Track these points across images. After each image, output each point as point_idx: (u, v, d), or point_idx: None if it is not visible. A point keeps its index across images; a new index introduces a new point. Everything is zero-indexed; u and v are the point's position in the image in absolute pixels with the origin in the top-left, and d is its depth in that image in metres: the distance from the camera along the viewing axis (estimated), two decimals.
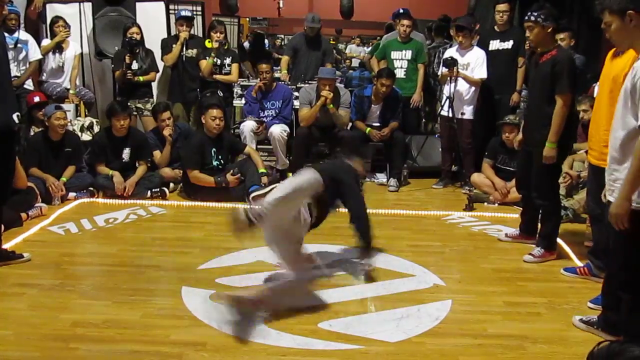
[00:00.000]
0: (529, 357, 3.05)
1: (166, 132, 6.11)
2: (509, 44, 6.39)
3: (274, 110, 6.81)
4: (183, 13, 7.07)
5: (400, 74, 7.04)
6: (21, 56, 6.51)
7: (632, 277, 2.82)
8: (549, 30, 4.15)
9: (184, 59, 6.95)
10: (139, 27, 6.73)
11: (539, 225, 4.51)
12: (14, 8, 6.64)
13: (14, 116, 3.82)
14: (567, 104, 4.10)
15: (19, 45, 6.45)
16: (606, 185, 2.96)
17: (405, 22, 7.06)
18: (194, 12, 7.82)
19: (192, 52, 6.96)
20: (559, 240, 4.53)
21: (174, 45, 6.91)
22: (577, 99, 5.13)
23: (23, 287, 3.69)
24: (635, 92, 2.65)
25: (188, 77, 7.01)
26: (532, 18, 4.13)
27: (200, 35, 7.73)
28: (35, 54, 6.59)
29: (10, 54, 6.41)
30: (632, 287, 2.84)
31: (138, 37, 6.65)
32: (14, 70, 6.46)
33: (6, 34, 6.36)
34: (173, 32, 7.48)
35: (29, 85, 6.62)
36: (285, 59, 7.79)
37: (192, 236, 4.78)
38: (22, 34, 6.55)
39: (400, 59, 7.10)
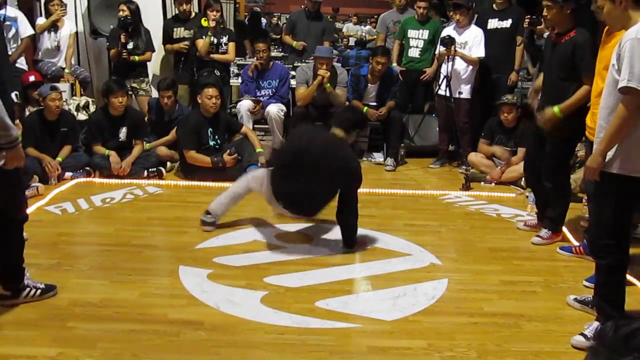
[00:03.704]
0: (524, 335, 3.08)
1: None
2: (507, 23, 6.35)
3: (271, 90, 6.78)
4: None
5: (414, 53, 7.03)
6: (10, 34, 6.40)
7: (612, 242, 2.90)
8: (568, 11, 3.99)
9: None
10: (129, 5, 6.61)
11: (549, 208, 4.49)
12: None
13: (12, 95, 3.79)
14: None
15: (7, 22, 6.35)
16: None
17: (422, 4, 6.96)
18: None
19: (190, 33, 6.89)
20: (564, 230, 4.49)
21: (174, 29, 6.85)
22: None
23: None
24: (620, 59, 2.74)
25: (192, 58, 6.95)
26: None
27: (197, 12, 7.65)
28: (26, 30, 6.47)
29: None
30: (610, 251, 2.91)
31: (124, 14, 6.52)
32: None
33: None
34: (169, 10, 7.40)
35: (21, 64, 6.51)
36: (287, 38, 7.76)
37: (189, 216, 4.78)
38: (10, 11, 6.40)
39: (417, 39, 7.03)
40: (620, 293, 2.99)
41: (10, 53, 6.27)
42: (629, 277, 3.62)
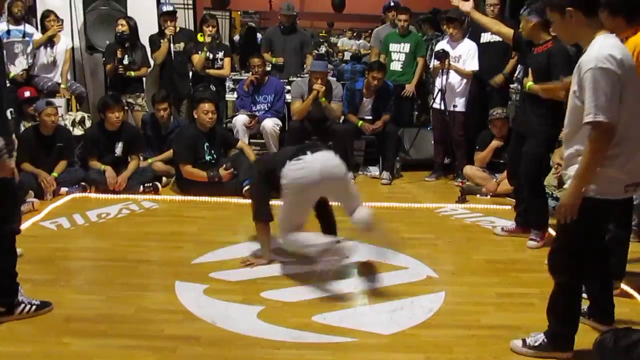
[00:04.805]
0: None
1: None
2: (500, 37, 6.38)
3: (266, 104, 6.80)
4: (165, 8, 6.95)
5: (396, 66, 7.10)
6: (28, 49, 6.52)
7: (573, 262, 2.82)
8: (532, 24, 4.21)
9: (172, 56, 6.88)
10: (128, 20, 6.66)
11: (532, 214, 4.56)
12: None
13: (7, 112, 3.80)
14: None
15: (26, 38, 6.49)
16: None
17: (402, 17, 7.10)
18: (185, 6, 7.79)
19: (179, 47, 6.90)
20: (550, 231, 4.52)
21: (161, 42, 6.86)
22: None
23: None
24: (581, 88, 2.64)
25: (177, 73, 6.96)
26: (521, 11, 4.26)
27: (192, 29, 7.69)
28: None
29: (19, 47, 6.47)
30: (568, 271, 2.84)
31: (123, 28, 6.56)
32: (23, 64, 6.47)
33: (13, 26, 6.44)
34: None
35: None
36: (266, 55, 7.77)
37: (186, 230, 4.78)
38: (28, 27, 6.60)
39: (398, 52, 7.13)
40: (568, 313, 2.90)
41: (26, 68, 6.38)
42: (627, 288, 3.64)
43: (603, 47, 2.60)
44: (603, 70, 2.55)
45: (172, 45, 6.83)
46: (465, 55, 6.28)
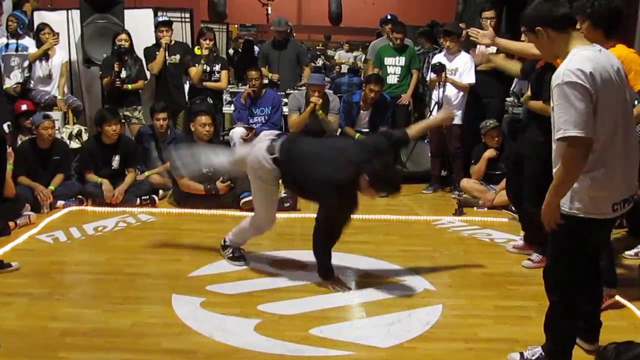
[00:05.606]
0: None
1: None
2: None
3: (263, 117, 6.82)
4: (160, 18, 7.00)
5: (393, 79, 7.16)
6: (25, 63, 6.55)
7: (564, 279, 2.79)
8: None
9: (166, 64, 6.89)
10: (127, 34, 6.71)
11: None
12: (19, 14, 6.84)
13: (5, 125, 3.81)
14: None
15: (23, 51, 6.51)
16: None
17: (399, 35, 7.20)
18: (183, 19, 7.82)
19: (175, 58, 6.92)
20: None
21: (157, 53, 6.88)
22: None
23: (11, 297, 3.66)
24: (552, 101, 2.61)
25: (173, 85, 6.98)
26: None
27: (189, 42, 7.72)
28: None
29: (16, 60, 6.51)
30: (559, 288, 2.81)
31: (126, 44, 6.62)
32: (18, 77, 6.49)
33: (12, 40, 6.49)
34: None
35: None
36: (263, 70, 7.81)
37: (182, 243, 4.76)
38: (27, 40, 6.66)
39: (394, 65, 7.21)
40: (564, 331, 2.86)
41: (20, 82, 6.41)
42: (622, 300, 3.64)
43: (572, 62, 2.54)
44: (571, 84, 2.48)
45: (167, 56, 6.84)
46: (462, 68, 6.31)
